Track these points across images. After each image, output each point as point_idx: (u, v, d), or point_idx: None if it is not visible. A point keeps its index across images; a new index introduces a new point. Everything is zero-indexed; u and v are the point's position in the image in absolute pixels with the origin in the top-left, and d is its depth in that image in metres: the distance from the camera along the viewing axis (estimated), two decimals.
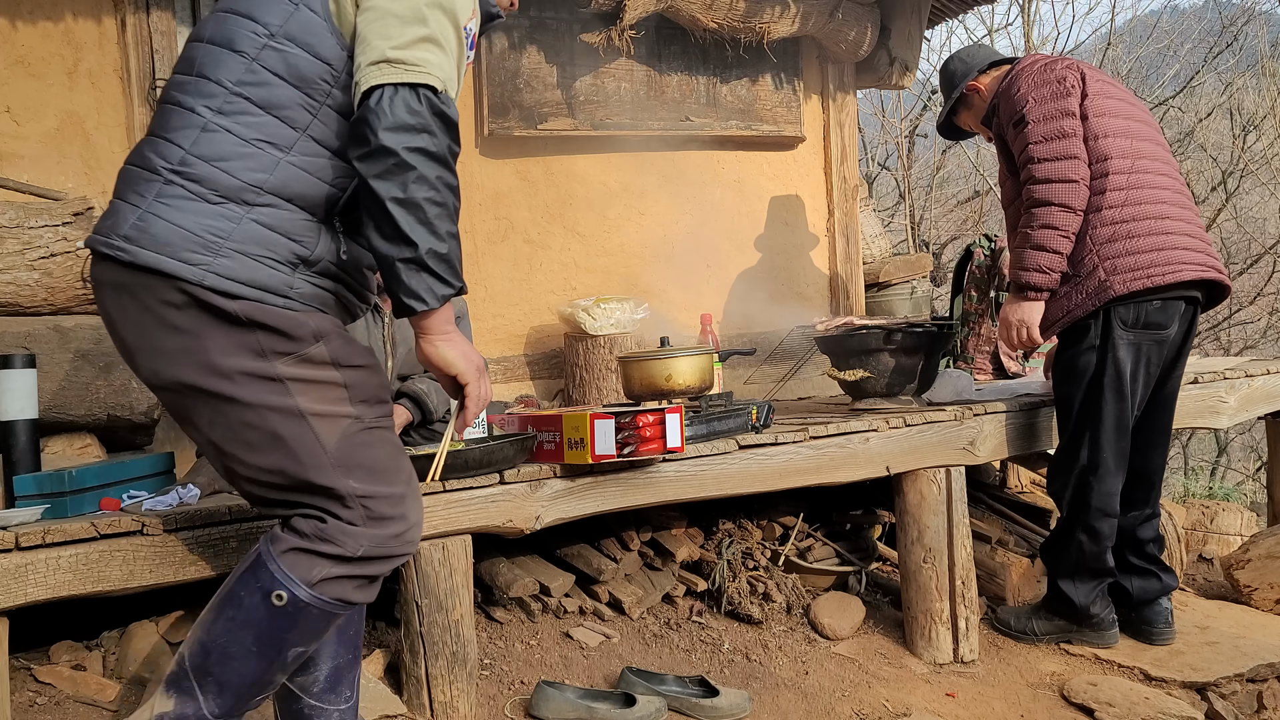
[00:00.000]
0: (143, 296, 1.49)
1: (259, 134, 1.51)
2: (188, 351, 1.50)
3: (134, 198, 1.51)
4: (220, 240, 1.48)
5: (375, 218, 1.47)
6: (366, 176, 1.45)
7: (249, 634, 1.52)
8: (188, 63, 1.57)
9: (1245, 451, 9.52)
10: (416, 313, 1.52)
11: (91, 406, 2.42)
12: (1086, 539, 2.82)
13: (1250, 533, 3.84)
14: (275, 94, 1.52)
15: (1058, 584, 2.91)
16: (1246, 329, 9.06)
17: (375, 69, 1.46)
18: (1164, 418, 2.93)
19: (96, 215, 2.49)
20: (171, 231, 1.47)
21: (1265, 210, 9.59)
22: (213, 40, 1.55)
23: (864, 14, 4.19)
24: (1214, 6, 9.75)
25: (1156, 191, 2.72)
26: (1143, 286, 2.66)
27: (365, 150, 1.45)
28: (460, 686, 2.25)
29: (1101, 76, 2.83)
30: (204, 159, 1.49)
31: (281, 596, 1.51)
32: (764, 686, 2.60)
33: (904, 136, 8.82)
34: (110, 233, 1.51)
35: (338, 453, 1.54)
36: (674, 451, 2.44)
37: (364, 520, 1.55)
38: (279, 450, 1.52)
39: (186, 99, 1.53)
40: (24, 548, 1.83)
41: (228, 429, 1.53)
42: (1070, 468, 2.84)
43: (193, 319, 1.49)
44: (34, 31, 2.82)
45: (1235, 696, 2.70)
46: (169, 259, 1.47)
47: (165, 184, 1.50)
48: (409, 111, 1.45)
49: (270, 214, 1.52)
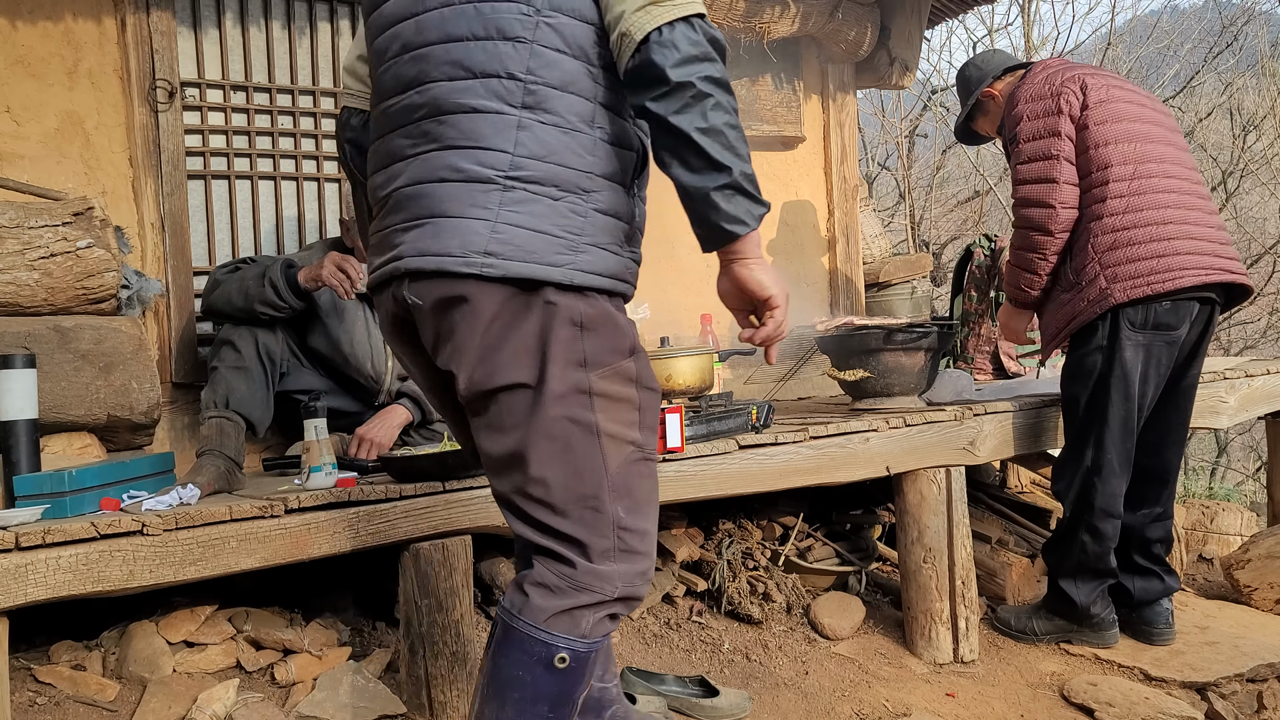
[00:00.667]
0: (501, 306, 1.47)
1: (569, 117, 1.49)
2: (528, 354, 1.48)
3: (477, 211, 1.47)
4: (577, 236, 1.48)
5: (681, 154, 1.45)
6: (666, 115, 1.43)
7: (543, 705, 1.51)
8: (435, 66, 1.51)
9: (1245, 451, 9.52)
10: (735, 239, 1.48)
11: (91, 406, 2.42)
12: (1090, 539, 2.82)
13: (1250, 533, 3.84)
14: (564, 71, 1.49)
15: (1059, 584, 2.91)
16: (1247, 329, 9.06)
17: (644, 12, 1.44)
18: (1177, 416, 2.92)
19: (96, 215, 2.49)
20: (535, 238, 1.46)
21: (1265, 210, 9.59)
22: (472, 35, 1.49)
23: (864, 14, 4.20)
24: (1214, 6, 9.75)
25: (1161, 196, 2.72)
26: (1143, 294, 2.68)
27: (661, 90, 1.43)
28: (460, 686, 2.25)
29: (1110, 80, 2.82)
30: (533, 157, 1.47)
31: (565, 659, 1.50)
32: (764, 686, 2.60)
33: (904, 136, 8.82)
34: (463, 251, 1.46)
35: (615, 477, 1.52)
36: (674, 451, 2.44)
37: (615, 552, 1.52)
38: (566, 463, 1.50)
39: (481, 102, 1.48)
40: (24, 548, 1.83)
41: (527, 435, 1.50)
42: (1075, 468, 2.84)
43: (542, 322, 1.47)
44: (34, 31, 2.81)
45: (1235, 696, 2.70)
46: (539, 265, 1.46)
47: (505, 191, 1.47)
48: (691, 43, 1.43)
49: (604, 196, 1.52)
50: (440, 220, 1.49)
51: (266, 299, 2.58)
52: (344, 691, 2.19)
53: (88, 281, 2.47)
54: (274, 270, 2.61)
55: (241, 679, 2.22)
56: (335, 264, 2.57)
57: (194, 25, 3.05)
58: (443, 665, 2.23)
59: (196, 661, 2.23)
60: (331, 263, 2.57)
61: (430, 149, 1.52)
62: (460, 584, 2.25)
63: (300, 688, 2.22)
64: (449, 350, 1.53)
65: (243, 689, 2.18)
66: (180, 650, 2.24)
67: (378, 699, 2.22)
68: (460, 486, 2.24)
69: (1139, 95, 2.87)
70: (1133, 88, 2.89)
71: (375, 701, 2.21)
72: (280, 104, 3.19)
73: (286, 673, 2.24)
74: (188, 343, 3.01)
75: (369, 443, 2.61)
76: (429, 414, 2.77)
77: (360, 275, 2.56)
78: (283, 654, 2.30)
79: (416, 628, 2.22)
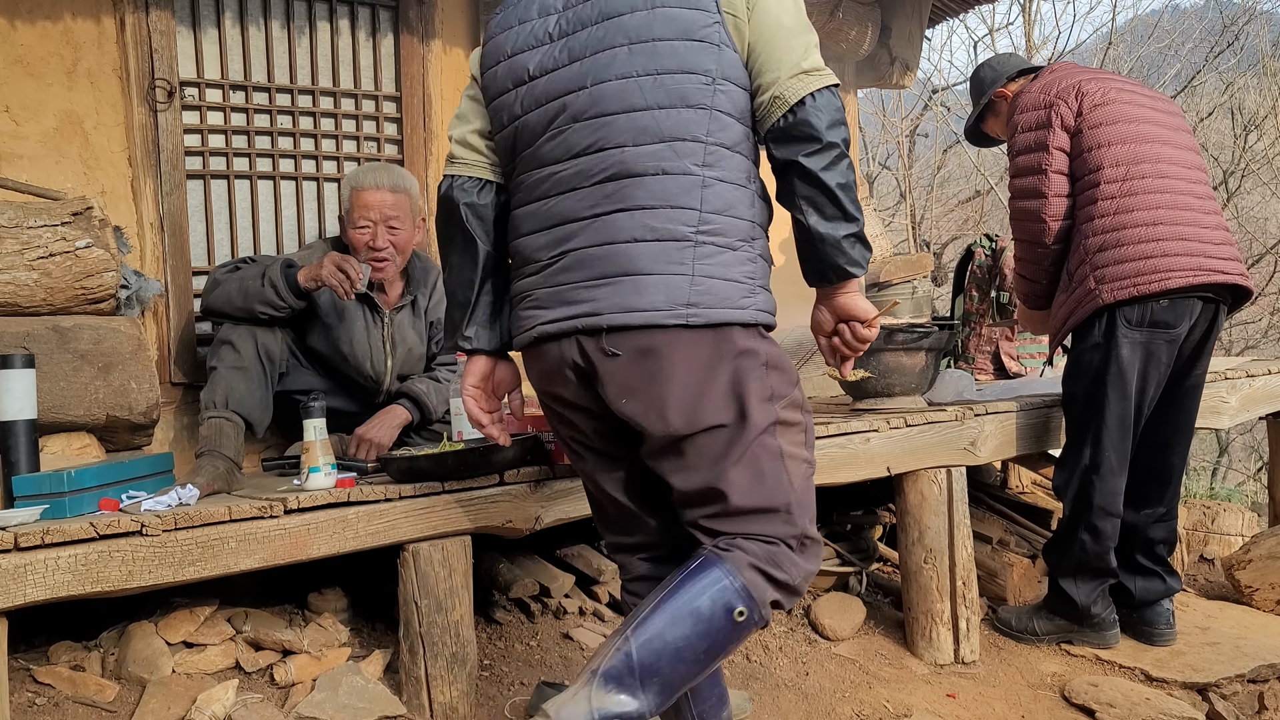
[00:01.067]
0: (699, 351, 1.65)
1: (738, 174, 1.70)
2: (727, 396, 1.66)
3: (674, 267, 1.64)
4: (752, 281, 1.69)
5: (818, 203, 1.66)
6: (815, 169, 1.64)
7: (705, 643, 1.62)
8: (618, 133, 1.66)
9: (1246, 452, 9.51)
10: (850, 278, 1.72)
11: (90, 407, 2.41)
12: (1089, 538, 2.82)
13: (1251, 533, 3.83)
14: (733, 133, 1.69)
15: (1059, 583, 2.91)
16: (1247, 329, 9.06)
17: (798, 80, 1.65)
18: (1181, 417, 2.91)
19: (95, 215, 2.49)
20: (728, 287, 1.65)
21: (1266, 210, 9.59)
22: (657, 104, 1.65)
23: (864, 13, 4.19)
24: (1215, 6, 9.74)
25: (1153, 196, 2.72)
26: (1129, 296, 2.70)
27: (814, 148, 1.64)
28: (460, 687, 2.25)
29: (1112, 83, 2.82)
30: (716, 213, 1.66)
31: (743, 614, 1.62)
32: (764, 687, 2.60)
33: (904, 136, 8.82)
34: (669, 305, 1.63)
35: (799, 492, 1.71)
36: None
37: (799, 551, 1.70)
38: (762, 488, 1.67)
39: (670, 164, 1.65)
40: (23, 548, 1.83)
41: (725, 468, 1.66)
42: (1074, 465, 2.84)
43: (736, 365, 1.66)
44: (33, 31, 2.81)
45: (1236, 697, 2.70)
46: (731, 309, 1.65)
47: (697, 246, 1.65)
48: (835, 109, 1.66)
49: (761, 244, 1.75)
50: (641, 278, 1.64)
51: (266, 298, 2.58)
52: (343, 692, 2.19)
53: (87, 281, 2.47)
54: (273, 270, 2.60)
55: (241, 680, 2.21)
56: (335, 264, 2.56)
57: (193, 25, 3.05)
58: (442, 665, 2.22)
59: (196, 662, 2.23)
60: (331, 263, 2.57)
61: (615, 210, 1.66)
62: (460, 584, 2.25)
63: (299, 688, 2.22)
64: (642, 400, 1.67)
65: (242, 690, 2.17)
66: (179, 651, 2.24)
67: (377, 699, 2.21)
68: (460, 486, 2.24)
69: (1143, 95, 2.86)
70: (1137, 87, 2.89)
71: (375, 702, 2.21)
72: (280, 104, 3.18)
73: (286, 673, 2.24)
74: (187, 343, 3.01)
75: (368, 443, 2.61)
76: (429, 414, 2.77)
77: (360, 275, 2.56)
78: (282, 654, 2.29)
79: (416, 628, 2.21)
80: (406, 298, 2.87)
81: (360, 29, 3.33)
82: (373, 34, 3.36)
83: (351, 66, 3.31)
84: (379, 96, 3.35)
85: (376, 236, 2.72)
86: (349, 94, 3.30)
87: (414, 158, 3.38)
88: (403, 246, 2.77)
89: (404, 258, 2.80)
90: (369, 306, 2.81)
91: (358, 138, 3.32)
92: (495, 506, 2.29)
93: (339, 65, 3.27)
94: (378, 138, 3.35)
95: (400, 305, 2.86)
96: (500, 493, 2.29)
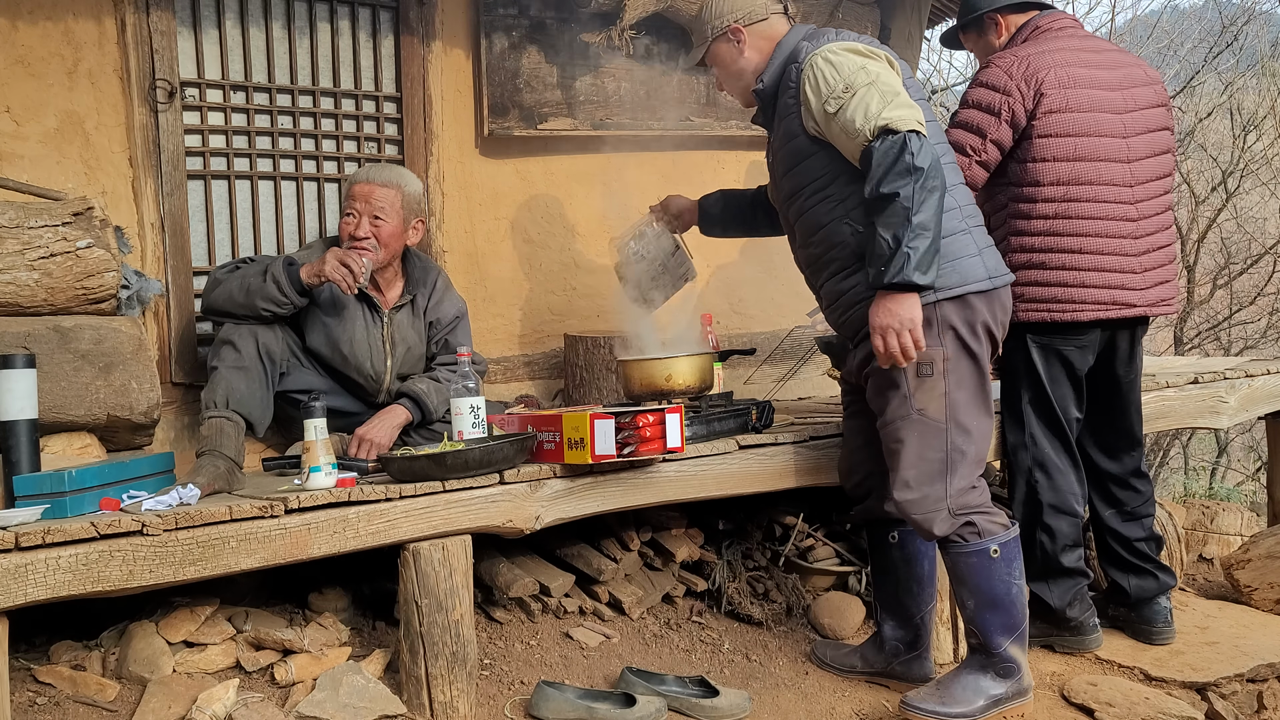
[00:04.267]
0: None
1: None
2: None
3: None
4: None
5: None
6: None
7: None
8: None
9: (1245, 451, 9.51)
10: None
11: (91, 406, 2.42)
12: (1046, 539, 2.81)
13: (1250, 533, 3.83)
14: None
15: (1031, 588, 2.88)
16: (1247, 329, 9.04)
17: None
18: (1123, 422, 2.92)
19: (96, 216, 2.49)
20: None
21: (1265, 210, 9.58)
22: None
23: (864, 13, 4.19)
24: (1214, 6, 9.73)
25: (1084, 223, 2.72)
26: (1040, 320, 2.74)
27: None
28: (460, 686, 2.25)
29: (1076, 70, 2.73)
30: None
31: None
32: (764, 686, 2.60)
33: None
34: None
35: None
36: (674, 451, 2.44)
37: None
38: None
39: None
40: (24, 548, 1.83)
41: None
42: (1018, 466, 2.85)
43: None
44: (34, 31, 2.81)
45: (1235, 696, 2.70)
46: None
47: None
48: None
49: None
50: None
51: (269, 295, 2.59)
52: (344, 691, 2.19)
53: (87, 281, 2.47)
54: (275, 267, 2.61)
55: (241, 679, 2.22)
56: (338, 258, 2.57)
57: (194, 25, 3.05)
58: (443, 665, 2.23)
59: (196, 661, 2.23)
60: (334, 257, 2.57)
61: None
62: (460, 584, 2.25)
63: (300, 688, 2.22)
64: None
65: (242, 689, 2.18)
66: (180, 650, 2.24)
67: (378, 699, 2.22)
68: (460, 486, 2.24)
69: (1102, 73, 2.76)
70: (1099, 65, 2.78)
71: (375, 701, 2.21)
72: (280, 104, 3.19)
73: (286, 673, 2.24)
74: (187, 343, 3.01)
75: (368, 443, 2.61)
76: (429, 414, 2.77)
77: (362, 269, 2.57)
78: (282, 654, 2.30)
79: (416, 628, 2.22)
80: (406, 297, 2.87)
81: (361, 29, 3.33)
82: (373, 34, 3.36)
83: (352, 67, 3.31)
84: (379, 97, 3.36)
85: (359, 225, 2.73)
86: (349, 94, 3.30)
87: (414, 158, 3.38)
88: (385, 239, 2.77)
89: (388, 251, 2.79)
90: (369, 306, 2.81)
91: (358, 138, 3.32)
92: (495, 506, 2.29)
93: (339, 65, 3.28)
94: (378, 138, 3.35)
95: (400, 305, 2.86)
96: (500, 492, 2.30)
